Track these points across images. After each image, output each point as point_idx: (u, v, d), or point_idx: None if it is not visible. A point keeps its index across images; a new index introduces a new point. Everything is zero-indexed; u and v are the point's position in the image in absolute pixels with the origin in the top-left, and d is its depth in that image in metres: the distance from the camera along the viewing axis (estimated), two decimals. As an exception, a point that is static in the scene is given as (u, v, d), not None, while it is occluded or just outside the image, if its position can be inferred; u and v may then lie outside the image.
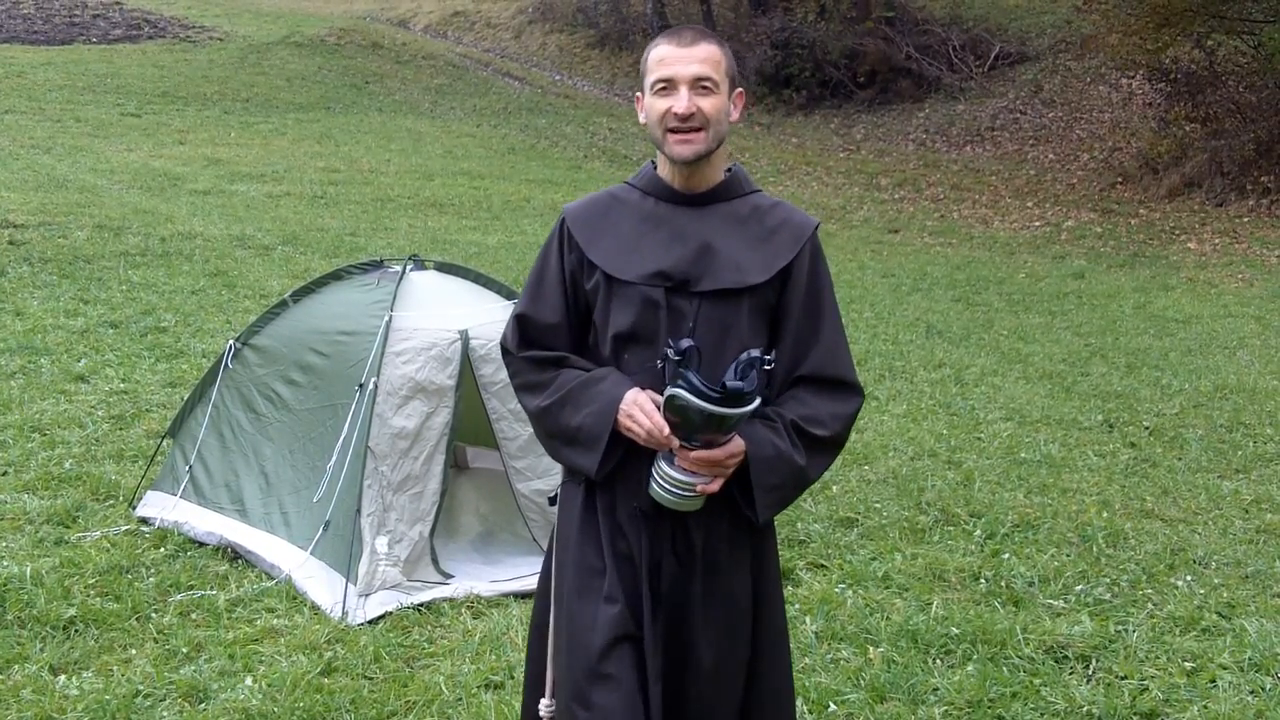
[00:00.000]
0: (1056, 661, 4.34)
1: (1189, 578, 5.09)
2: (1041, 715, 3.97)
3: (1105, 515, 5.87)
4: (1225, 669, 4.25)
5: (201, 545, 5.17)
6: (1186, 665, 4.29)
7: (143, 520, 5.43)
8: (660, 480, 2.50)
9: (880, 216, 18.41)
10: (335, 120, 22.53)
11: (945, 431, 7.43)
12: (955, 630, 4.49)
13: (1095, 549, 5.42)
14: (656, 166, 2.70)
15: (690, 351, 2.43)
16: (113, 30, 28.26)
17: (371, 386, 4.84)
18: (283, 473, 5.15)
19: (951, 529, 5.69)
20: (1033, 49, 24.61)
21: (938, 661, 4.31)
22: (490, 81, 27.99)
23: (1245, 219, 16.31)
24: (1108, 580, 5.07)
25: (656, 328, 2.57)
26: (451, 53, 30.42)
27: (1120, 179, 19.08)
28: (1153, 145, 18.72)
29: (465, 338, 4.98)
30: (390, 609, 4.62)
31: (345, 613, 4.55)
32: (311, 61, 27.09)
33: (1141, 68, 19.43)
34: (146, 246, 11.79)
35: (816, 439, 2.60)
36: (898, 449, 7.01)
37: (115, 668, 4.10)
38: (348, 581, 4.63)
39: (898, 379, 8.86)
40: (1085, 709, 3.99)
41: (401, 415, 4.86)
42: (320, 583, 4.72)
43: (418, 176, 18.33)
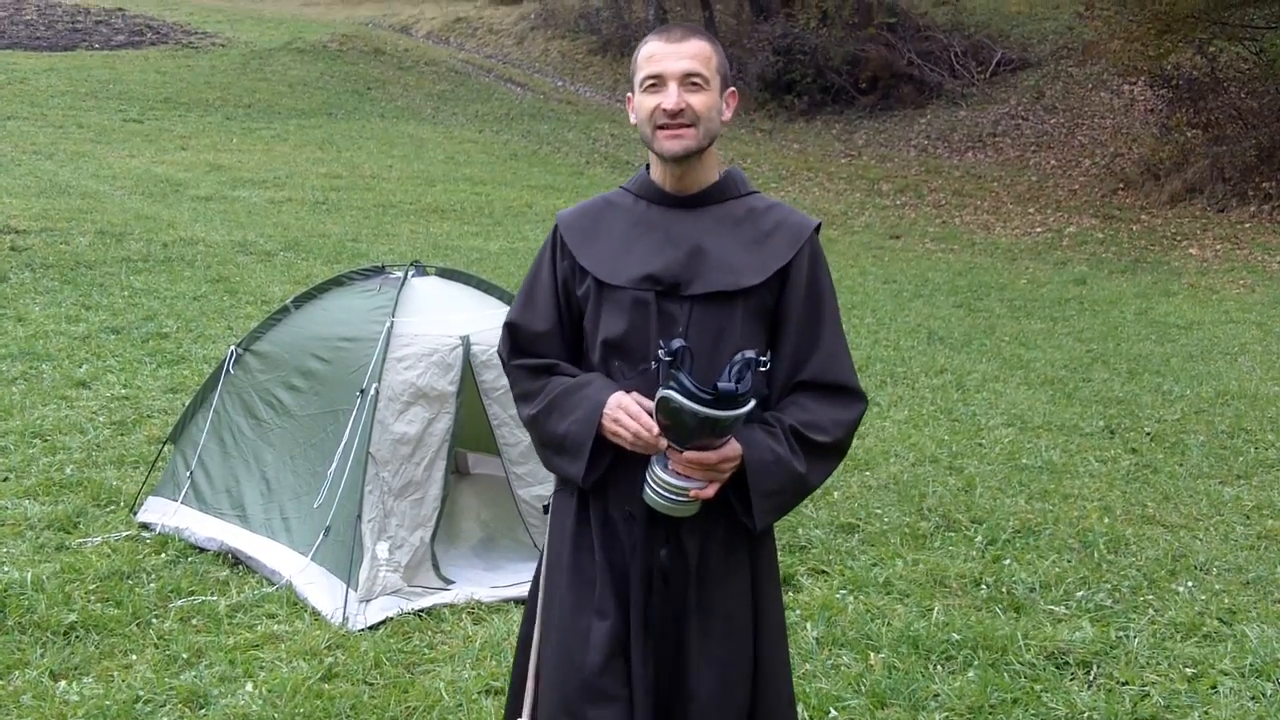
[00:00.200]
0: (1057, 667, 4.33)
1: (1190, 584, 5.09)
2: (1042, 721, 3.97)
3: (1106, 521, 5.86)
4: (1226, 675, 4.25)
5: (202, 551, 5.17)
6: (1187, 671, 4.29)
7: (144, 526, 5.43)
8: (654, 484, 2.43)
9: (882, 222, 18.42)
10: (337, 126, 22.57)
11: (946, 437, 7.42)
12: (956, 636, 4.48)
13: (1096, 555, 5.42)
14: (650, 170, 2.65)
15: (681, 352, 2.36)
16: (115, 36, 28.32)
17: (373, 392, 4.84)
18: (284, 478, 5.15)
19: (953, 535, 5.69)
20: (1034, 55, 24.64)
21: (939, 667, 4.30)
22: (492, 87, 28.04)
23: (1247, 225, 16.32)
24: (1109, 586, 5.06)
25: (647, 333, 2.51)
26: (453, 59, 30.47)
27: (1122, 185, 19.09)
28: (1154, 151, 18.73)
29: (467, 343, 4.98)
30: (391, 614, 4.62)
31: (346, 618, 4.54)
32: (314, 68, 27.14)
33: (1143, 74, 19.45)
34: (148, 252, 11.81)
35: (817, 445, 2.53)
36: (899, 454, 7.01)
37: (116, 673, 4.10)
38: (348, 587, 4.63)
39: (899, 385, 8.85)
40: (1086, 715, 3.99)
41: (403, 421, 4.86)
42: (321, 588, 4.72)
43: (420, 182, 18.35)
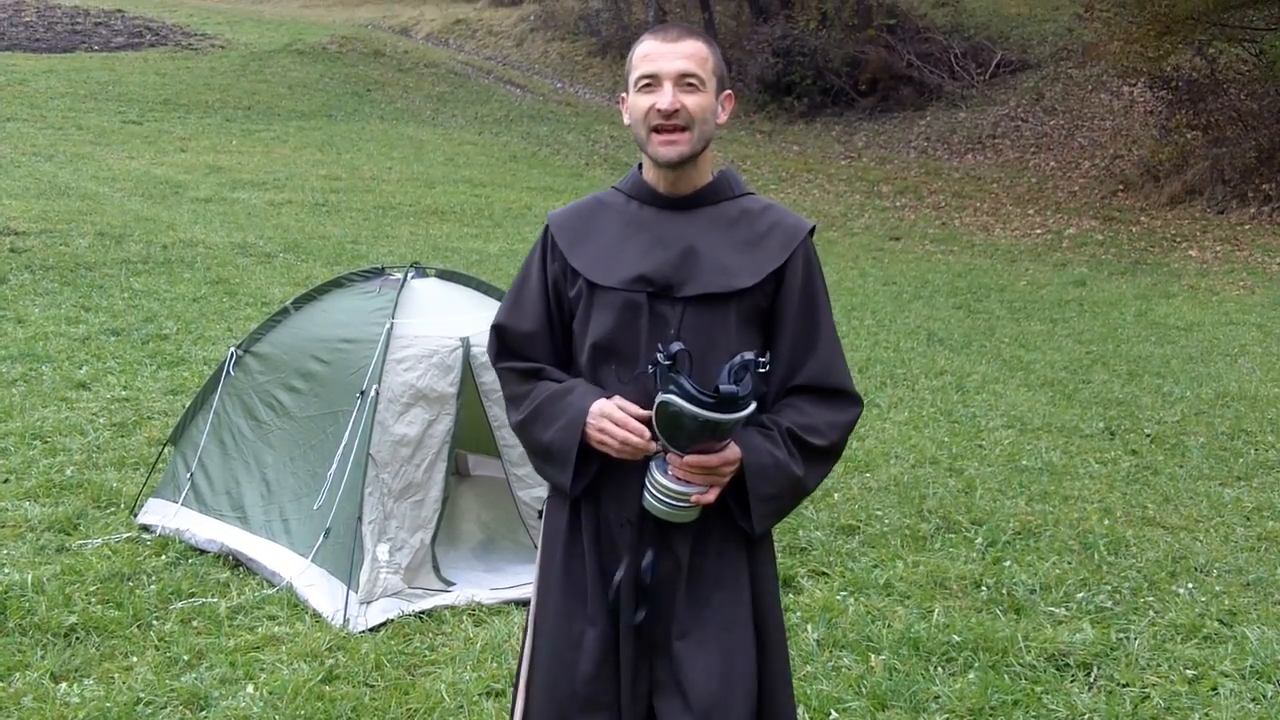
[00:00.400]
0: (1058, 669, 4.33)
1: (1190, 585, 5.09)
2: (1043, 723, 3.97)
3: (1107, 523, 5.86)
4: (1227, 677, 4.24)
5: (203, 553, 5.17)
6: (1188, 673, 4.28)
7: (144, 528, 5.43)
8: (654, 490, 2.39)
9: (882, 224, 18.42)
10: (337, 128, 22.57)
11: (947, 439, 7.42)
12: (957, 638, 4.48)
13: (1097, 556, 5.42)
14: (642, 170, 2.61)
15: (681, 355, 2.32)
16: (115, 38, 28.33)
17: (373, 394, 4.84)
18: (284, 480, 5.15)
19: (953, 536, 5.69)
20: (1034, 57, 24.66)
21: (939, 669, 4.30)
22: (492, 89, 28.05)
23: (1247, 226, 16.33)
24: (1109, 588, 5.06)
25: (638, 335, 2.48)
26: (453, 61, 30.49)
27: (1122, 186, 19.10)
28: (1154, 153, 18.75)
29: (467, 345, 4.98)
30: (391, 616, 4.62)
31: (346, 620, 4.54)
32: (313, 69, 27.16)
33: (1143, 75, 19.46)
34: (148, 254, 11.81)
35: (814, 448, 2.51)
36: (899, 456, 7.00)
37: (116, 675, 4.10)
38: (349, 589, 4.63)
39: (899, 386, 8.85)
40: (1087, 717, 3.99)
41: (403, 423, 4.86)
42: (321, 590, 4.71)
43: (419, 184, 18.35)
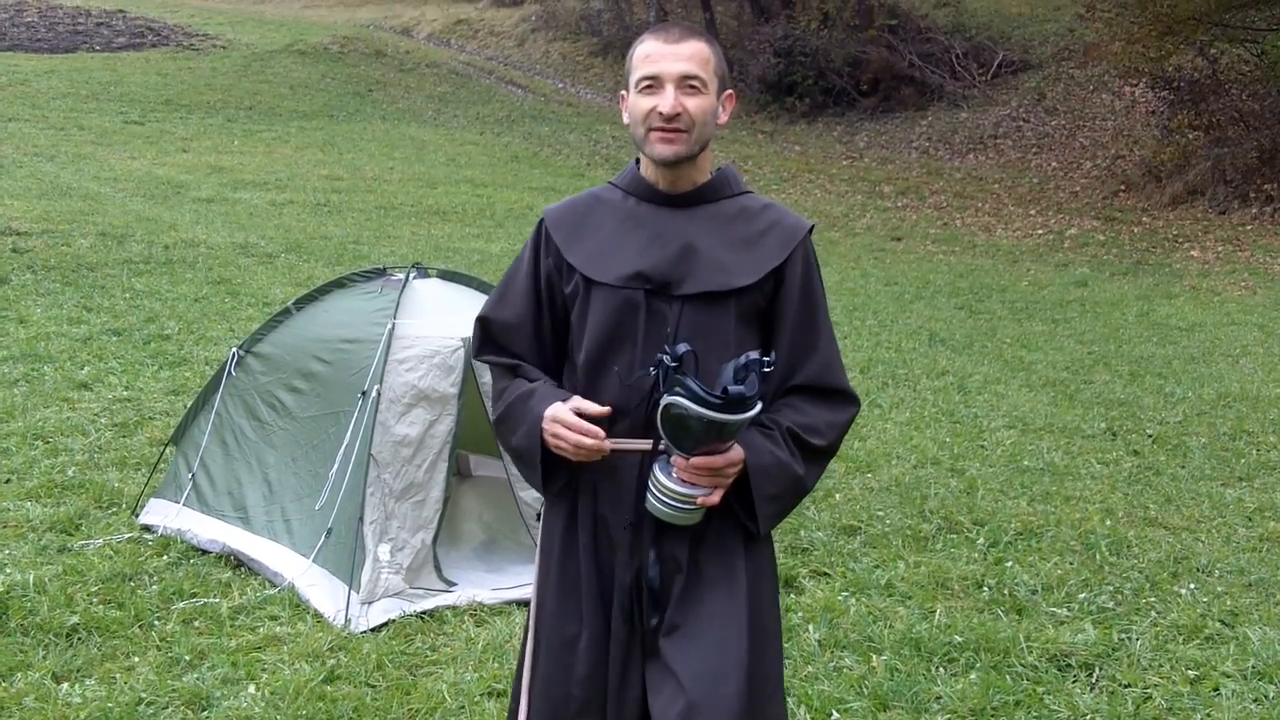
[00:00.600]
0: (1060, 670, 4.33)
1: (1192, 586, 5.08)
2: (1045, 724, 3.97)
3: (1108, 523, 5.86)
4: (1228, 677, 4.24)
5: (204, 553, 5.17)
6: (1190, 674, 4.28)
7: (145, 528, 5.43)
8: (658, 493, 2.38)
9: (883, 224, 18.42)
10: (338, 128, 22.58)
11: (948, 439, 7.42)
12: (958, 638, 4.48)
13: (1098, 557, 5.41)
14: (640, 166, 2.58)
15: (687, 356, 2.30)
16: (116, 38, 28.34)
17: (374, 394, 4.84)
18: (286, 480, 5.15)
19: (954, 537, 5.69)
20: (1035, 57, 24.65)
21: (941, 670, 4.30)
22: (493, 89, 28.06)
23: (1248, 227, 16.32)
24: (1111, 588, 5.06)
25: (635, 332, 2.46)
26: (455, 61, 30.50)
27: (1123, 187, 19.10)
28: (1156, 153, 18.73)
29: (468, 345, 4.98)
30: (393, 617, 4.62)
31: (348, 620, 4.54)
32: (315, 69, 27.17)
33: (1144, 75, 19.44)
34: (149, 254, 11.81)
35: (814, 448, 2.51)
36: (901, 457, 7.00)
37: (118, 675, 4.10)
38: (350, 589, 4.63)
39: (900, 387, 8.85)
40: (1088, 717, 3.98)
41: (404, 423, 4.86)
42: (323, 590, 4.72)
43: (421, 184, 18.36)
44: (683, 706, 2.38)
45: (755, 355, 2.32)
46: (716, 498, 2.39)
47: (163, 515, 5.44)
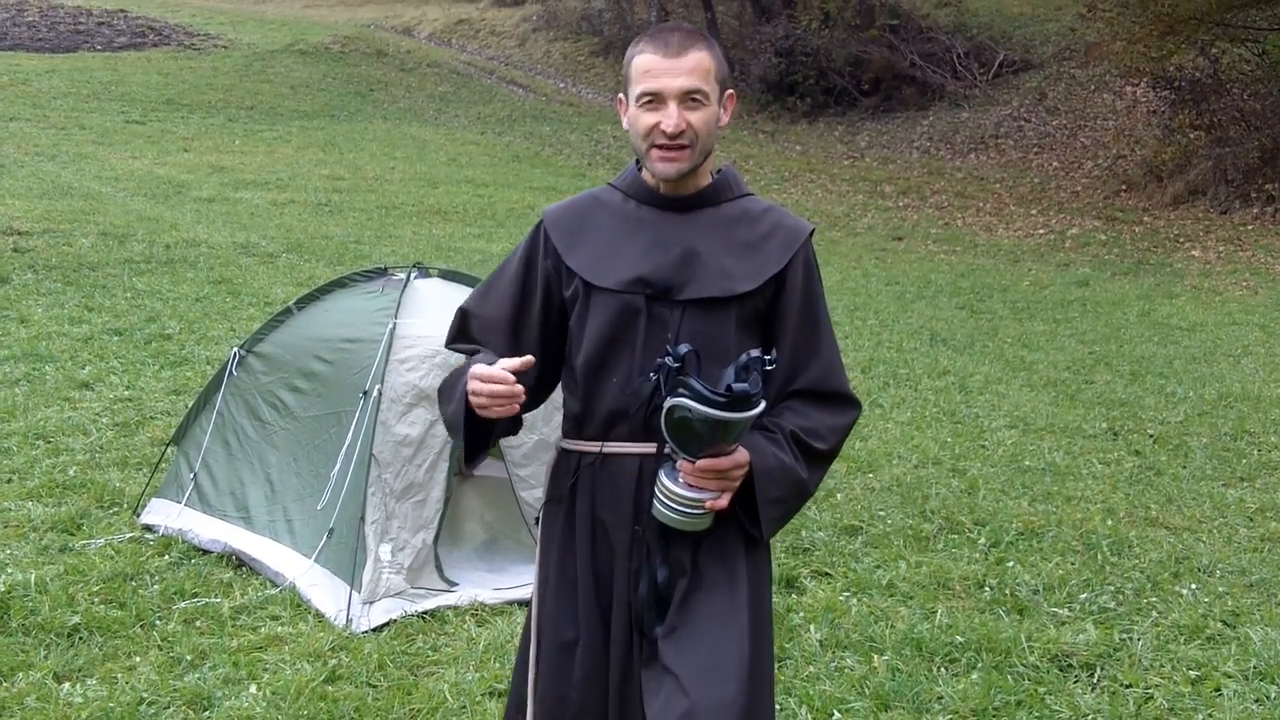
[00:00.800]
0: (1061, 670, 4.33)
1: (1194, 586, 5.08)
2: (1046, 724, 3.97)
3: (1110, 523, 5.86)
4: (1230, 678, 4.24)
5: (206, 553, 5.17)
6: (1191, 674, 4.28)
7: (147, 528, 5.43)
8: (666, 499, 2.36)
9: (884, 224, 18.41)
10: (340, 128, 22.58)
11: (949, 439, 7.42)
12: (960, 638, 4.48)
13: (1100, 557, 5.41)
14: (640, 167, 2.55)
15: (689, 357, 2.29)
16: (117, 38, 28.34)
17: (375, 394, 4.84)
18: (287, 480, 5.15)
19: (956, 537, 5.69)
20: (1037, 57, 24.64)
21: (942, 670, 4.30)
22: (494, 89, 28.05)
23: (1250, 227, 16.31)
24: (1112, 588, 5.06)
25: (635, 338, 2.44)
26: (456, 60, 30.49)
27: (1125, 187, 19.09)
28: (1157, 153, 18.72)
29: (469, 345, 4.97)
30: (394, 616, 4.62)
31: (349, 620, 4.54)
32: (316, 69, 27.16)
33: (1146, 75, 19.44)
34: (151, 254, 11.82)
35: (817, 452, 2.50)
36: (902, 457, 7.00)
37: (119, 675, 4.10)
38: (352, 589, 4.63)
39: (902, 387, 8.85)
40: (1090, 717, 3.98)
41: (405, 423, 4.86)
42: (324, 590, 4.72)
43: (422, 184, 18.36)
44: (685, 709, 2.34)
45: (756, 353, 2.30)
46: (725, 501, 2.37)
47: (164, 515, 5.44)
